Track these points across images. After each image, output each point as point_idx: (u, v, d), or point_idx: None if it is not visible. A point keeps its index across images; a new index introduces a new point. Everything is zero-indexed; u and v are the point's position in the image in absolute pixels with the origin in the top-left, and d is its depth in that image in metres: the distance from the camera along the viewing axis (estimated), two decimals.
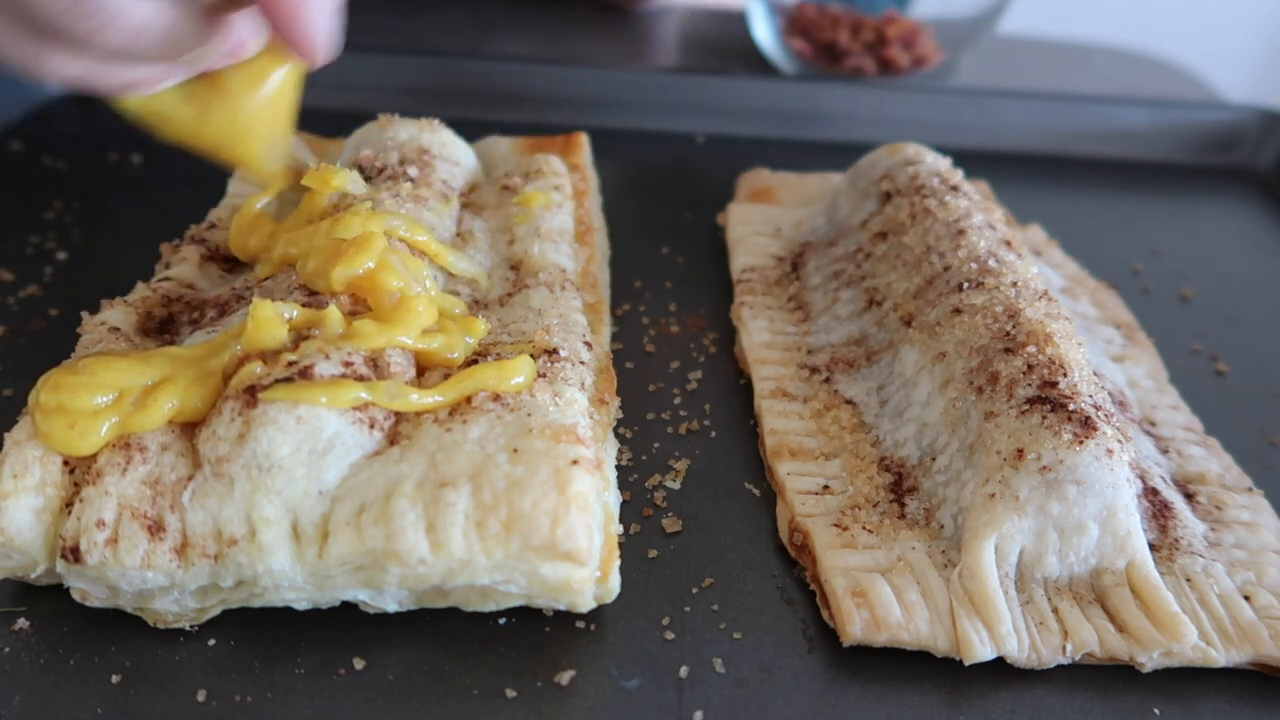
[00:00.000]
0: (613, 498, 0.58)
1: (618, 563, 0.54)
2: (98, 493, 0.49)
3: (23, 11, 0.48)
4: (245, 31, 0.55)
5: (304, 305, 0.56)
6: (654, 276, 0.82)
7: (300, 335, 0.54)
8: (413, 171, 0.71)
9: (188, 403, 0.52)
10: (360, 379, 0.52)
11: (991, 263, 0.67)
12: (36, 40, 0.49)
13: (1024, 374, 0.59)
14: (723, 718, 0.51)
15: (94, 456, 0.51)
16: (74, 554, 0.49)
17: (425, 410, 0.53)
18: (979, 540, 0.55)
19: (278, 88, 0.60)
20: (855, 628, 0.53)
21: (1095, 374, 0.63)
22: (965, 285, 0.66)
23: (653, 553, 0.59)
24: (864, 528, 0.58)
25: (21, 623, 0.53)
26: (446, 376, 0.55)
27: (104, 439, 0.50)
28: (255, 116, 0.60)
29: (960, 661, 0.53)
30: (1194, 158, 1.06)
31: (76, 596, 0.52)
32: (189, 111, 0.58)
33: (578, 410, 0.55)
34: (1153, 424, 0.68)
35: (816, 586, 0.56)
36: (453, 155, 0.76)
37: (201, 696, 0.50)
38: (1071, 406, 0.57)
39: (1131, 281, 0.87)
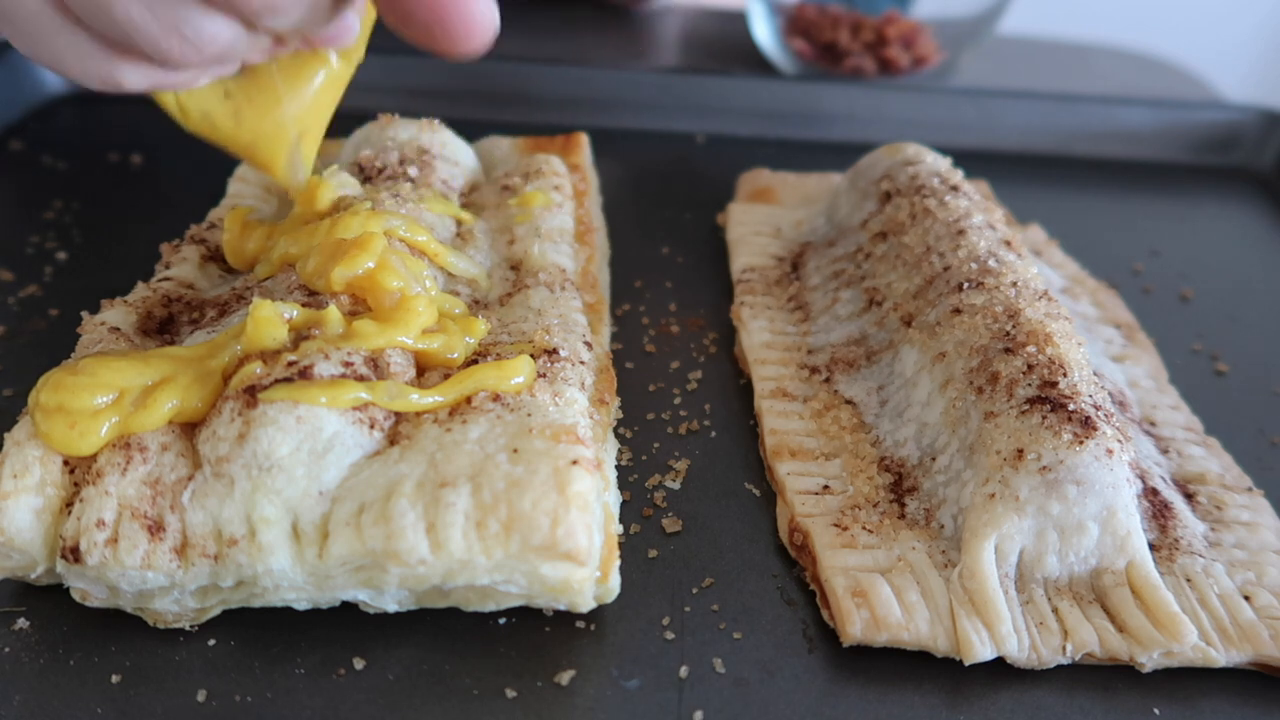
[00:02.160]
0: (613, 498, 0.58)
1: (618, 563, 0.54)
2: (98, 493, 0.49)
3: (105, 33, 0.48)
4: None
5: (304, 305, 0.56)
6: (654, 276, 0.82)
7: (300, 335, 0.54)
8: (413, 171, 0.71)
9: (188, 403, 0.52)
10: (360, 379, 0.52)
11: (991, 263, 0.67)
12: (111, 56, 0.50)
13: (1024, 374, 0.59)
14: (723, 718, 0.51)
15: (94, 456, 0.51)
16: (74, 554, 0.49)
17: (425, 410, 0.53)
18: (979, 540, 0.55)
19: (318, 90, 0.58)
20: (855, 628, 0.53)
21: (1095, 374, 0.63)
22: (965, 285, 0.66)
23: (653, 553, 0.59)
24: (864, 528, 0.58)
25: (21, 623, 0.53)
26: (446, 376, 0.55)
27: (104, 439, 0.50)
28: (293, 119, 0.58)
29: (960, 661, 0.53)
30: (1194, 158, 1.06)
31: (76, 596, 0.52)
32: (227, 108, 0.56)
33: (578, 410, 0.55)
34: (1153, 424, 0.68)
35: (816, 586, 0.56)
36: (453, 155, 0.76)
37: (201, 696, 0.50)
38: (1071, 406, 0.57)
39: (1131, 281, 0.87)
